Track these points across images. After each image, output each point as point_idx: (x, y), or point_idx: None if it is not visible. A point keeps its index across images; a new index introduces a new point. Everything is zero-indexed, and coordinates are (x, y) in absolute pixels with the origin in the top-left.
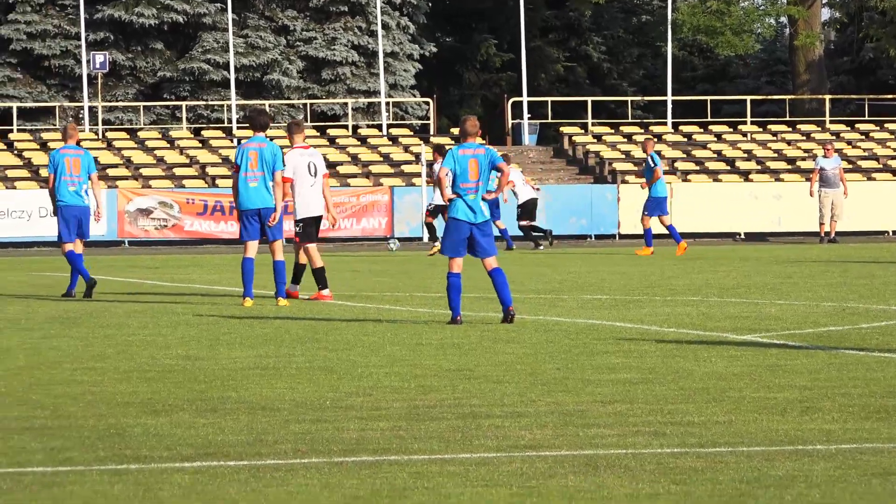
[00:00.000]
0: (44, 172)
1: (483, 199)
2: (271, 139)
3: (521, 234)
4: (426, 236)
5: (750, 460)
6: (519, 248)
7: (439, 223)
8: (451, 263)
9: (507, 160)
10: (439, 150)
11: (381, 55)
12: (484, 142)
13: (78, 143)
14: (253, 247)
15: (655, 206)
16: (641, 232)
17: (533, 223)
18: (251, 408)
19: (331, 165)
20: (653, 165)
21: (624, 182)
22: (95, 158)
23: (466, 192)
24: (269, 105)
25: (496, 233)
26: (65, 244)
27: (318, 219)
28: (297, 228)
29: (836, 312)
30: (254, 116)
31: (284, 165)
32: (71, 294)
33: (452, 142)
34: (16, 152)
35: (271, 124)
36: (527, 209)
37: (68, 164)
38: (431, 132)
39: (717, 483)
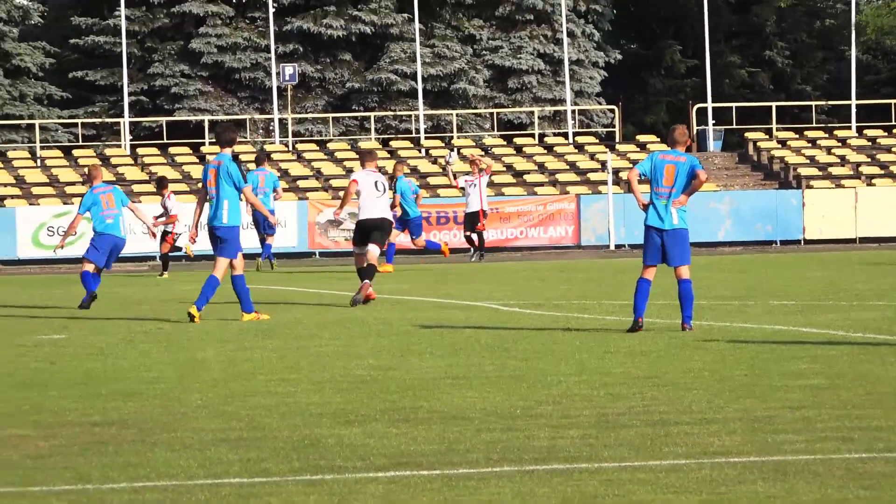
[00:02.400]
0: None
1: (674, 204)
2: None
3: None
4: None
5: None
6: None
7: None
8: (644, 270)
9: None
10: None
11: (566, 63)
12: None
13: (103, 181)
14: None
15: None
16: (827, 238)
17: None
18: (443, 417)
19: (517, 174)
20: None
21: (809, 187)
22: (286, 171)
23: (658, 196)
24: (457, 115)
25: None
26: (89, 263)
27: (375, 222)
28: (354, 234)
29: None
30: (219, 133)
31: (246, 182)
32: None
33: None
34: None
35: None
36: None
37: (103, 200)
38: (617, 139)
39: None
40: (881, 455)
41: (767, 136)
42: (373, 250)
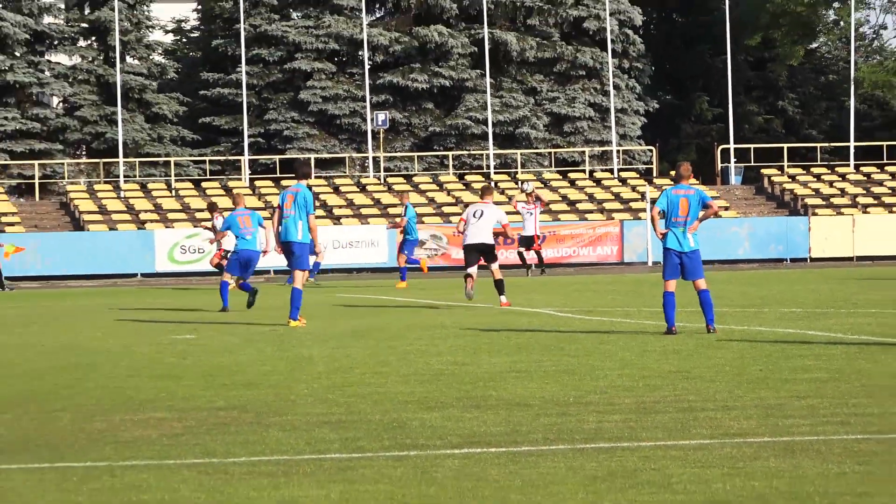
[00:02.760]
0: (337, 212)
1: (689, 230)
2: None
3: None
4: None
5: None
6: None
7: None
8: (667, 284)
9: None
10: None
11: (612, 111)
12: (696, 182)
13: (245, 207)
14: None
15: None
16: (829, 256)
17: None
18: (508, 404)
19: (571, 203)
20: None
21: (814, 214)
22: (378, 199)
23: (676, 225)
24: (521, 154)
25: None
26: (229, 276)
27: (477, 247)
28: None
29: None
30: (297, 167)
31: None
32: (226, 309)
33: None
34: (314, 195)
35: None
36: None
37: (241, 221)
38: (654, 175)
39: (894, 464)
40: (874, 437)
41: (780, 172)
42: (494, 267)
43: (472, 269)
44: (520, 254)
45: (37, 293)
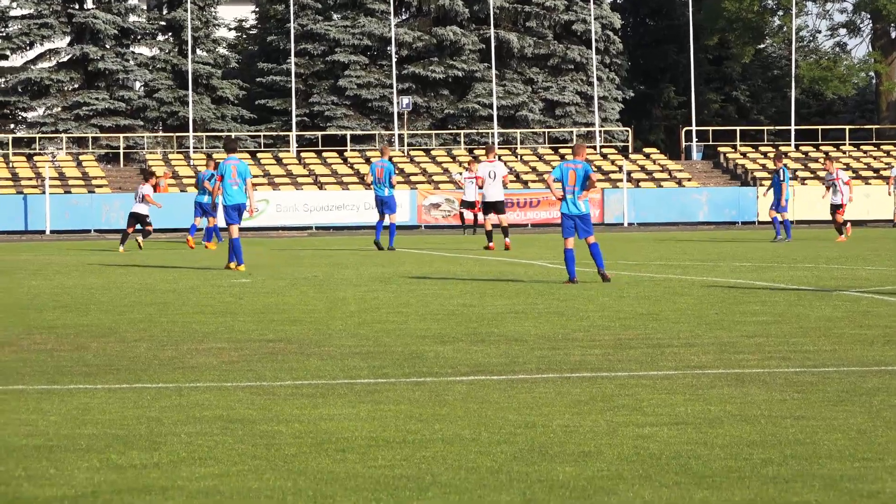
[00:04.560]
0: (368, 179)
1: (579, 198)
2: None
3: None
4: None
5: (848, 377)
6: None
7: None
8: (566, 242)
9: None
10: (476, 159)
11: (596, 98)
12: (664, 157)
13: (387, 158)
14: (236, 229)
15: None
16: (770, 219)
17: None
18: (507, 339)
19: None
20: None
21: (761, 185)
22: (401, 170)
23: (568, 192)
24: (520, 133)
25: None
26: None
27: (494, 203)
28: (483, 206)
29: None
30: (227, 142)
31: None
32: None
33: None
34: (349, 165)
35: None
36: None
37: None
38: (630, 151)
39: (826, 392)
40: (809, 370)
41: (733, 150)
42: (503, 217)
43: (490, 218)
44: (461, 214)
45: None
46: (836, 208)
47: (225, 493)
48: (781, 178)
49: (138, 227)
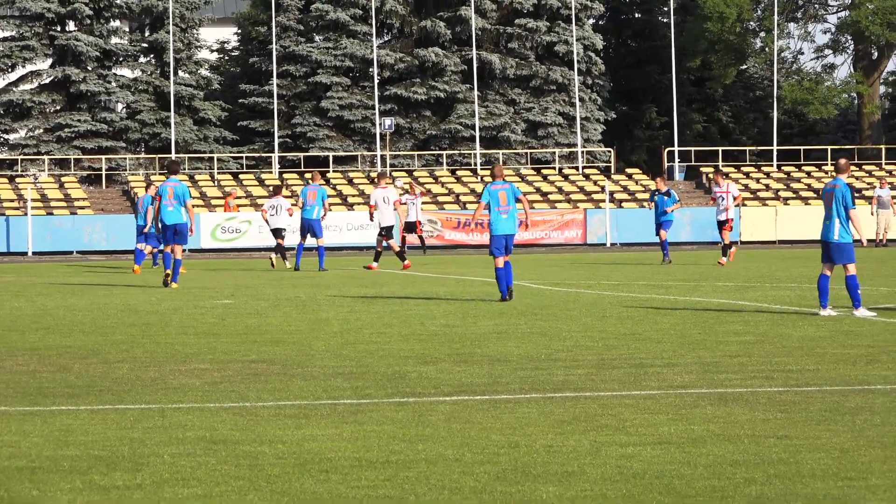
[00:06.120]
0: (350, 200)
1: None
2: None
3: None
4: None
5: (831, 396)
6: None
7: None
8: (496, 261)
9: (411, 187)
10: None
11: (578, 119)
12: (646, 178)
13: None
14: (179, 250)
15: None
16: (756, 240)
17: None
18: (490, 360)
19: (543, 194)
20: (677, 199)
21: (744, 205)
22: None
23: (500, 213)
24: (502, 153)
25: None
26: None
27: (390, 228)
28: (382, 231)
29: (891, 294)
30: (169, 164)
31: (191, 197)
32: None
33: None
34: (332, 186)
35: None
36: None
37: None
38: (612, 171)
39: (809, 412)
40: (792, 389)
41: (715, 170)
42: (392, 242)
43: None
44: (403, 238)
45: (102, 264)
46: (721, 224)
47: None
48: (665, 199)
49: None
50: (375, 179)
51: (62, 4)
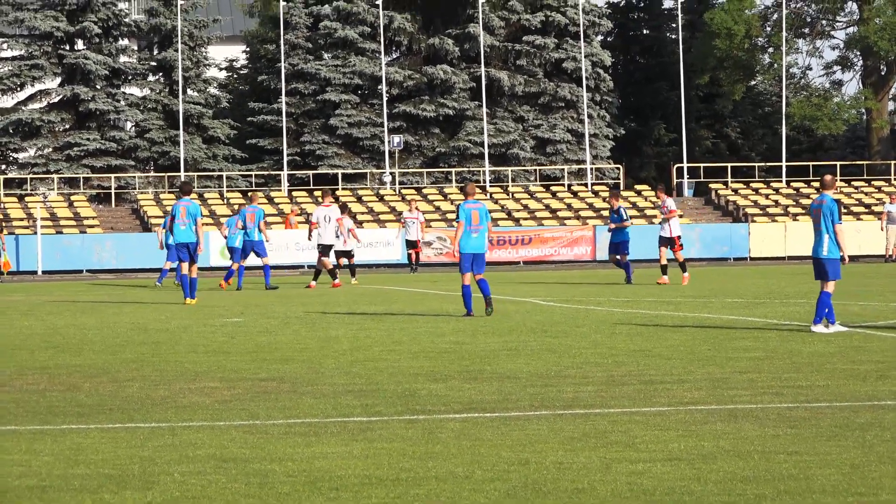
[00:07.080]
0: (360, 217)
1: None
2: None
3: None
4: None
5: (841, 412)
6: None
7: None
8: (464, 278)
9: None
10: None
11: (587, 135)
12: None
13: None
14: (185, 266)
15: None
16: (765, 256)
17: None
18: (500, 377)
19: (552, 211)
20: (625, 217)
21: (753, 221)
22: (394, 207)
23: (471, 231)
24: (511, 170)
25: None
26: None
27: (328, 247)
28: (319, 248)
29: None
30: (182, 185)
31: (202, 216)
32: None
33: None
34: (340, 203)
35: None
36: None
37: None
38: (621, 188)
39: (819, 427)
40: (802, 405)
41: (725, 186)
42: (328, 259)
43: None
44: (408, 255)
45: (112, 283)
46: (668, 242)
47: None
48: (624, 217)
49: (343, 260)
50: (319, 197)
51: (71, 23)
